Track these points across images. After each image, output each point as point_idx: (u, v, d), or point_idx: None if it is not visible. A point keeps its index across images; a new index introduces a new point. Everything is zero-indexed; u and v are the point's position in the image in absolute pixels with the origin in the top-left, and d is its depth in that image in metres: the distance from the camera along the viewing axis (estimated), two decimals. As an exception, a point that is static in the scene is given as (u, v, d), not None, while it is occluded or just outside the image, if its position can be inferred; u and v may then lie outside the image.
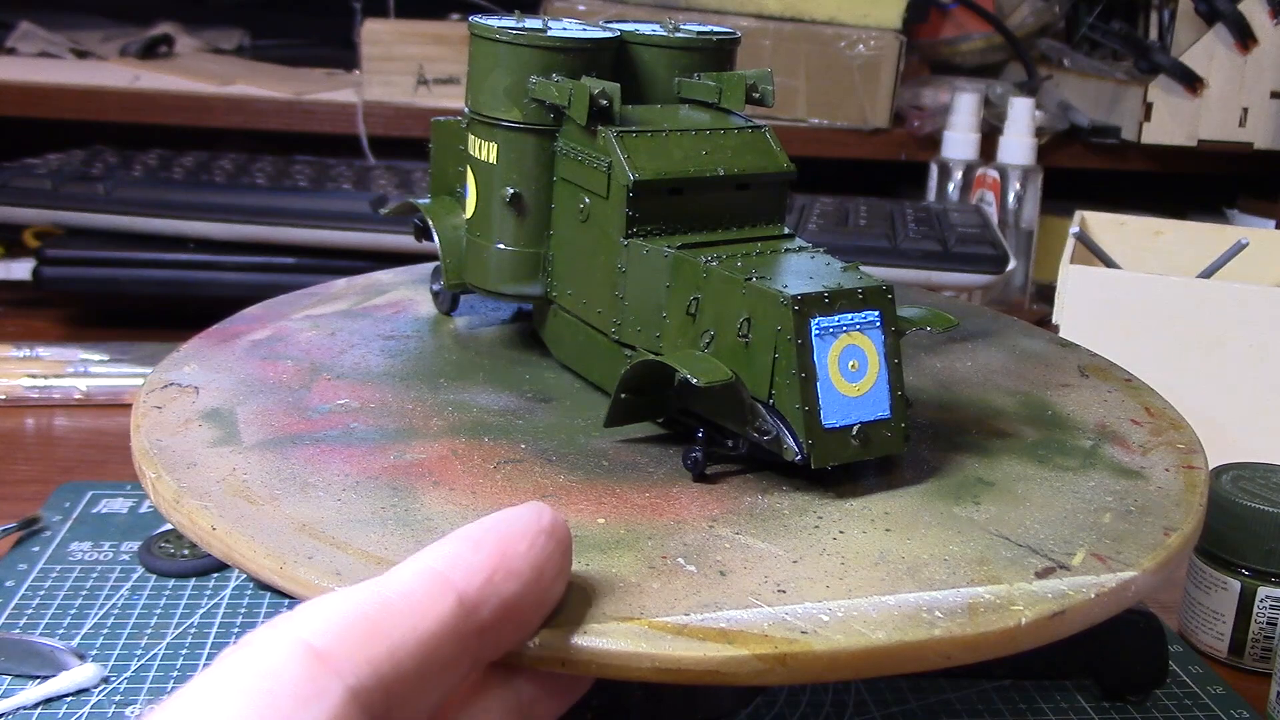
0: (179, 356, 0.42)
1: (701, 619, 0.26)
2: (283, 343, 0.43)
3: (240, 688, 0.21)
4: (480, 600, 0.23)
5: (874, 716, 0.41)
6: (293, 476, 0.33)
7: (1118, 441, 0.37)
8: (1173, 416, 0.39)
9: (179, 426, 0.36)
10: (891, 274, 0.73)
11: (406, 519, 0.31)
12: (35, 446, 0.62)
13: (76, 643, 0.43)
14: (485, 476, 0.33)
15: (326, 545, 0.29)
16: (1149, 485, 0.34)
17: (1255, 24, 0.98)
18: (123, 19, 1.13)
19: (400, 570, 0.24)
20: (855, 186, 1.01)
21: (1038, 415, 0.39)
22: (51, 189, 0.76)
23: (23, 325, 0.78)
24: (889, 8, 0.97)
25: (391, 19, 1.00)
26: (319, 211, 0.76)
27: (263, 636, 0.22)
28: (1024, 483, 0.34)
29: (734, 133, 0.38)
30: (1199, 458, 0.36)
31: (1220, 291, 0.59)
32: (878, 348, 0.32)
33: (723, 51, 0.41)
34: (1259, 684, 0.45)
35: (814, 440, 0.31)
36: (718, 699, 0.37)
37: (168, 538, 0.50)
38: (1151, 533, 0.31)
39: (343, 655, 0.21)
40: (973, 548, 0.30)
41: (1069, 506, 0.32)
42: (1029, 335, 0.47)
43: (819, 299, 0.32)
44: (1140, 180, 1.09)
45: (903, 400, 0.33)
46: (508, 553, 0.24)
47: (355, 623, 0.22)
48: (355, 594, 0.23)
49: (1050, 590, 0.28)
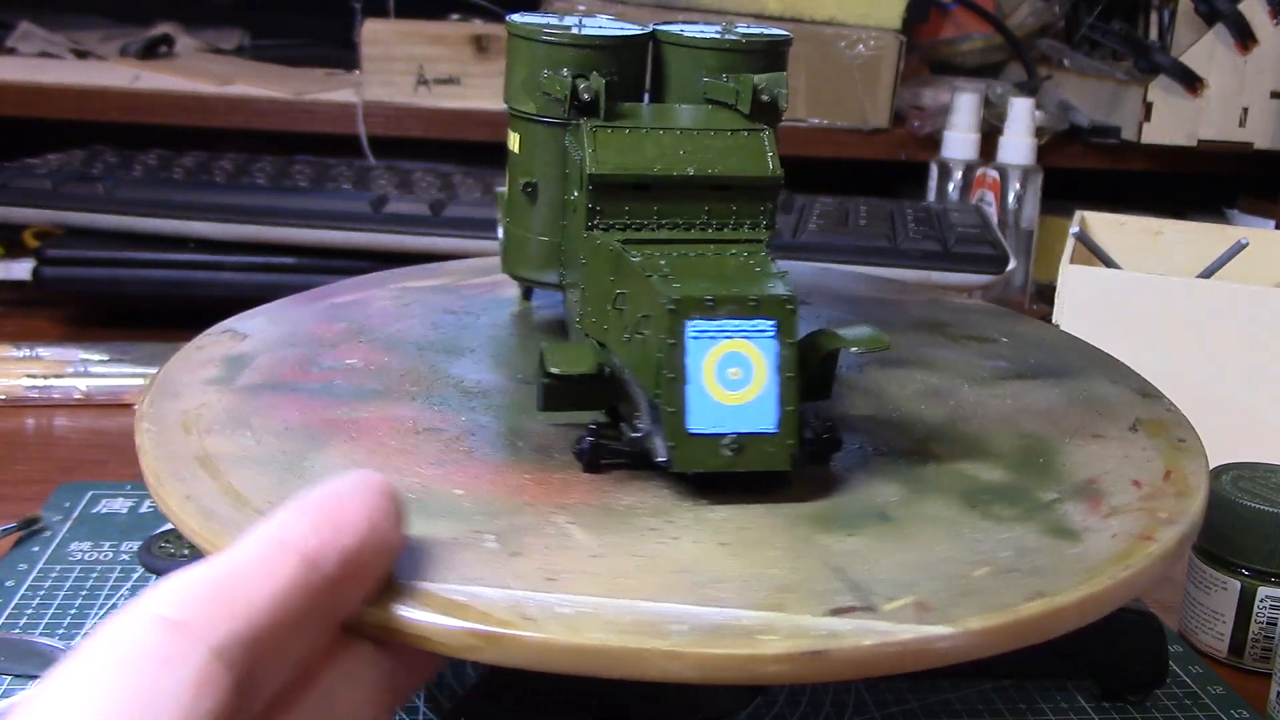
0: (259, 307, 0.46)
1: (448, 589, 0.27)
2: (355, 308, 0.46)
3: (102, 663, 0.22)
4: (320, 555, 0.25)
5: (874, 716, 0.41)
6: (240, 417, 0.36)
7: (1090, 500, 0.33)
8: (1190, 483, 0.35)
9: (199, 364, 0.40)
10: (892, 274, 0.74)
11: (292, 465, 0.33)
12: (35, 446, 0.62)
13: (76, 643, 0.43)
14: (399, 440, 0.35)
15: (205, 475, 0.32)
16: (1072, 548, 0.30)
17: (1255, 24, 0.98)
18: (123, 19, 1.13)
19: (244, 541, 0.25)
20: (855, 186, 1.01)
21: (1028, 461, 0.36)
22: (51, 189, 0.76)
23: (23, 325, 0.78)
24: (889, 8, 0.97)
25: (391, 19, 1.00)
26: (319, 211, 0.76)
27: (118, 618, 0.23)
28: (928, 524, 0.31)
29: (726, 134, 0.37)
30: (1171, 530, 0.32)
31: (1220, 291, 0.59)
32: (768, 359, 0.31)
33: (774, 54, 0.41)
34: (1259, 684, 0.45)
35: (676, 444, 0.31)
36: (718, 699, 0.37)
37: (168, 538, 0.50)
38: (1012, 595, 0.28)
39: (199, 621, 0.23)
40: (793, 575, 0.29)
41: (951, 555, 0.30)
42: (1112, 380, 0.42)
43: (700, 301, 0.31)
44: (1140, 180, 1.09)
45: (794, 416, 0.31)
46: (340, 509, 0.26)
47: (206, 591, 0.23)
48: (203, 567, 0.24)
49: (826, 628, 0.26)
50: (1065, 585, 0.29)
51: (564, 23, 0.41)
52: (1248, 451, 0.53)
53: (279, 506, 0.26)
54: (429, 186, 0.80)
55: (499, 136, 0.42)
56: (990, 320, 0.48)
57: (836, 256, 0.74)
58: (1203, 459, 0.36)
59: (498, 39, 0.96)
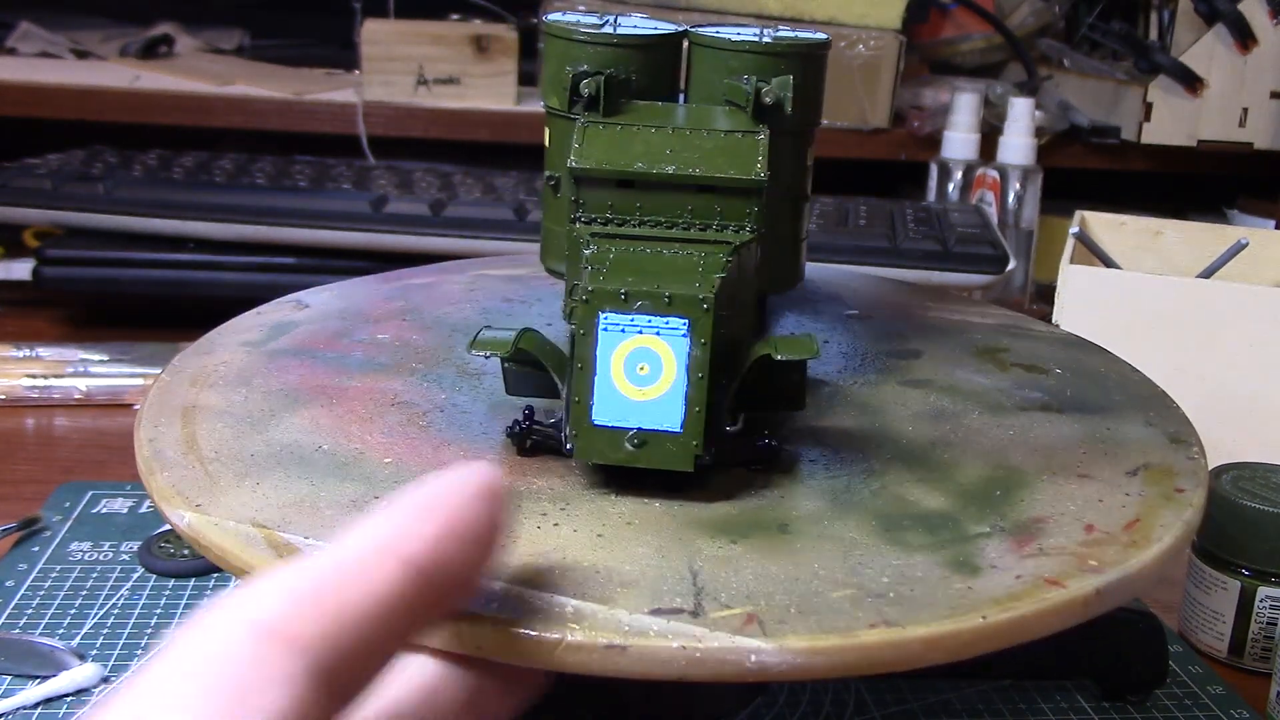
0: (336, 283, 0.49)
1: (261, 532, 0.30)
2: (422, 290, 0.47)
3: (191, 668, 0.20)
4: (426, 565, 0.23)
5: (874, 716, 0.41)
6: (246, 376, 0.39)
7: (1021, 538, 0.31)
8: (1153, 535, 0.32)
9: (247, 327, 0.44)
10: (892, 274, 0.74)
11: (257, 422, 0.36)
12: (35, 446, 0.62)
13: (76, 643, 0.43)
14: (368, 409, 0.37)
15: (179, 423, 0.36)
16: (960, 583, 0.29)
17: (1255, 24, 0.98)
18: (123, 19, 1.13)
19: (346, 542, 0.24)
20: (855, 186, 1.00)
21: (984, 494, 0.34)
22: (51, 189, 0.76)
23: (23, 325, 0.78)
24: (889, 8, 0.97)
25: (391, 19, 1.00)
26: (319, 211, 0.76)
27: (215, 618, 0.21)
28: (824, 542, 0.30)
29: (719, 135, 0.38)
30: (1089, 579, 0.29)
31: (1220, 291, 0.59)
32: (678, 357, 0.31)
33: (808, 57, 0.41)
34: (1259, 684, 0.45)
35: (579, 433, 0.32)
36: (718, 699, 0.37)
37: (168, 538, 0.50)
38: (856, 620, 0.27)
39: (301, 632, 0.21)
40: (646, 572, 0.29)
41: (824, 574, 0.29)
42: (1149, 421, 0.39)
43: (614, 295, 0.31)
44: (1140, 180, 1.09)
45: (700, 417, 0.31)
46: (450, 518, 0.24)
47: (308, 597, 0.22)
48: (304, 569, 0.23)
49: (638, 625, 0.27)
50: (920, 619, 0.27)
51: (598, 22, 0.41)
52: (1248, 451, 0.53)
53: (386, 504, 0.25)
54: (429, 186, 0.80)
55: (499, 136, 0.43)
56: (1055, 350, 0.45)
57: (836, 256, 0.74)
58: (1189, 510, 0.33)
59: (498, 39, 0.96)
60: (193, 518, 0.32)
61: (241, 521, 0.31)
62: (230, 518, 0.31)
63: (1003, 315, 0.49)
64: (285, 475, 0.33)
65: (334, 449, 0.35)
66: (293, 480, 0.33)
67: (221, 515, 0.31)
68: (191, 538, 0.31)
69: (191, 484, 0.33)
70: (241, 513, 0.31)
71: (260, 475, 0.34)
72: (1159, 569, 0.31)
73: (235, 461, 0.34)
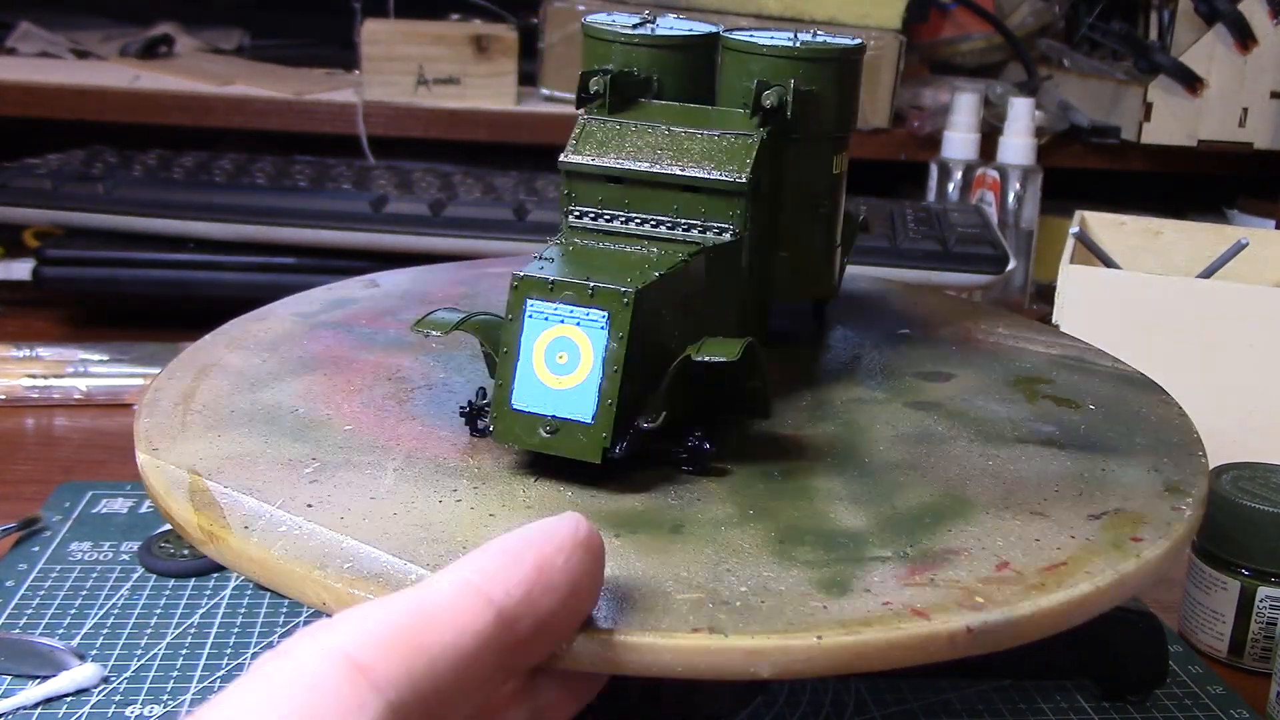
0: (418, 267, 0.52)
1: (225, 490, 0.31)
2: (493, 279, 0.50)
3: (280, 699, 0.21)
4: (517, 615, 0.23)
5: (874, 716, 0.41)
6: (276, 344, 0.42)
7: (917, 566, 0.30)
8: (1067, 583, 0.29)
9: (310, 300, 0.46)
10: (892, 274, 0.74)
11: (255, 384, 0.38)
12: (35, 446, 0.62)
13: (76, 643, 0.43)
14: (363, 381, 0.39)
15: (189, 378, 0.39)
16: (819, 601, 0.28)
17: (1255, 24, 0.98)
18: (123, 19, 1.13)
19: (438, 581, 0.24)
20: (855, 186, 1.00)
21: (913, 519, 0.32)
22: (51, 189, 0.76)
23: (23, 325, 0.78)
24: (889, 8, 0.97)
25: (391, 19, 1.00)
26: (319, 211, 0.76)
27: (302, 646, 0.22)
28: (707, 545, 0.30)
29: (714, 137, 0.38)
30: (963, 616, 0.28)
31: (1220, 291, 0.59)
32: (596, 350, 0.32)
33: (845, 62, 0.41)
34: (1259, 684, 0.45)
35: (498, 416, 0.32)
36: (718, 699, 0.37)
37: (168, 538, 0.50)
38: (683, 623, 0.27)
39: (383, 669, 0.21)
40: None
41: (686, 576, 0.28)
42: (1155, 467, 0.36)
43: (541, 283, 0.32)
44: (1140, 180, 1.09)
45: (612, 410, 0.31)
46: (545, 567, 0.24)
47: (395, 635, 0.22)
48: (393, 604, 0.23)
49: None
50: (749, 629, 0.26)
51: (637, 22, 0.42)
52: (1248, 451, 0.53)
53: (482, 547, 0.25)
54: (429, 186, 0.80)
55: (499, 136, 0.44)
56: (1104, 386, 0.42)
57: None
58: (1131, 561, 0.31)
59: (498, 39, 0.96)
60: (145, 459, 0.34)
61: (180, 467, 0.33)
62: (175, 463, 0.33)
63: (1069, 346, 0.47)
64: (248, 431, 0.35)
65: (307, 413, 0.36)
66: (250, 437, 0.35)
67: (170, 460, 0.33)
68: (142, 477, 0.33)
69: (163, 430, 0.35)
70: (186, 460, 0.33)
71: (225, 429, 0.35)
72: (1062, 616, 0.29)
73: (212, 415, 0.36)
